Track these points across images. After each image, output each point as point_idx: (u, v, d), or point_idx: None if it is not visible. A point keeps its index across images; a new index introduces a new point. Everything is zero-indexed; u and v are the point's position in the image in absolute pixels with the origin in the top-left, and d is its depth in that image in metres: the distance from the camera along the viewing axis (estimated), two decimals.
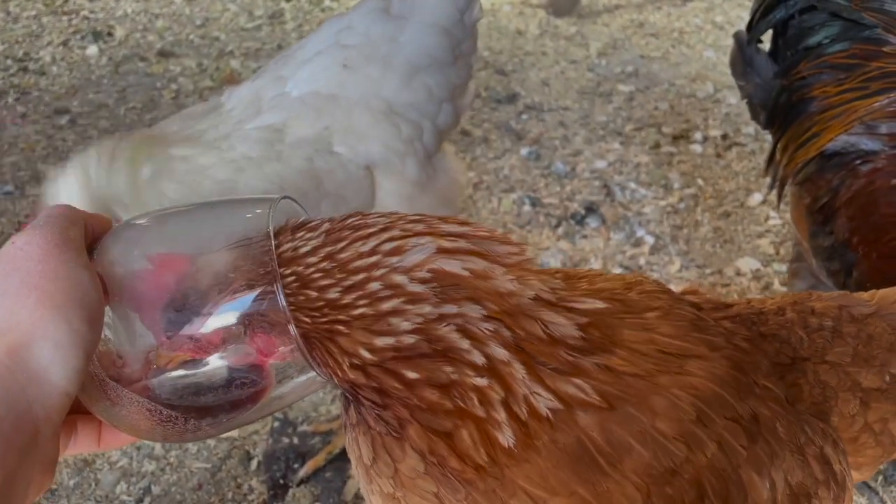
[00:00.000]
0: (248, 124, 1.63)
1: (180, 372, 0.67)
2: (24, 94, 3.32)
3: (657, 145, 2.93)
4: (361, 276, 0.68)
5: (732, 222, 2.54)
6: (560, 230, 2.53)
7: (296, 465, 1.83)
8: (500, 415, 0.71)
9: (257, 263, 0.67)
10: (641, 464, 0.75)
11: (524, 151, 2.91)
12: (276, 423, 1.93)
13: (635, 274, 1.00)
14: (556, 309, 0.75)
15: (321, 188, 1.63)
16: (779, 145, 1.83)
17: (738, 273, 2.34)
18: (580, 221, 2.56)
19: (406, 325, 0.68)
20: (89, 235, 0.68)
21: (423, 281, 0.68)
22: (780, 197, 1.88)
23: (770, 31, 1.85)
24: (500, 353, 0.70)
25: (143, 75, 3.47)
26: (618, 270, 2.37)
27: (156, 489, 1.81)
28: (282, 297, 0.66)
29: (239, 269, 0.68)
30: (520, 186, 2.73)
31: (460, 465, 0.73)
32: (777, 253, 2.40)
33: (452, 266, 0.69)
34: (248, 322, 0.67)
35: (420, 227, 0.71)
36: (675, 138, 2.97)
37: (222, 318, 0.67)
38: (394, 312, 0.68)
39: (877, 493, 1.76)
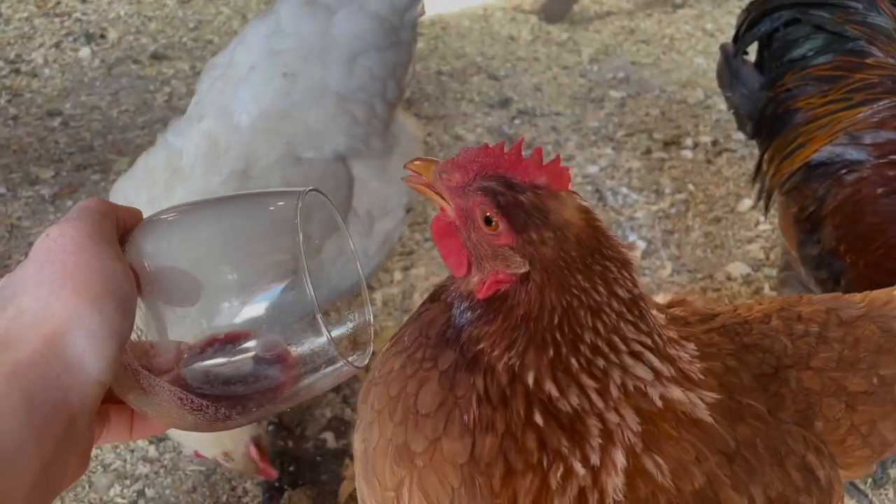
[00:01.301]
0: (213, 183, 1.59)
1: (211, 361, 0.68)
2: (17, 96, 3.31)
3: (648, 151, 2.96)
4: (605, 347, 0.77)
5: (723, 227, 2.57)
6: None
7: (290, 468, 1.84)
8: (570, 493, 0.76)
9: (287, 255, 0.68)
10: (637, 500, 0.80)
11: None
12: (271, 427, 1.93)
13: None
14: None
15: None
16: (765, 156, 1.85)
17: (729, 278, 2.37)
18: None
19: (574, 400, 0.76)
20: (121, 228, 0.69)
21: (623, 390, 0.77)
22: (767, 207, 1.90)
23: (756, 44, 1.88)
24: (620, 459, 0.77)
25: (136, 78, 3.47)
26: None
27: (150, 492, 1.81)
28: (310, 287, 0.67)
29: (270, 260, 0.70)
30: None
31: (499, 492, 0.76)
32: (767, 258, 2.43)
33: (652, 393, 0.80)
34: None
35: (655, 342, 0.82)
36: (667, 144, 3.00)
37: (252, 308, 0.68)
38: (582, 388, 0.76)
39: (866, 496, 1.78)
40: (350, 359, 0.71)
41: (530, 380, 0.75)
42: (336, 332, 0.71)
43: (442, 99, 3.30)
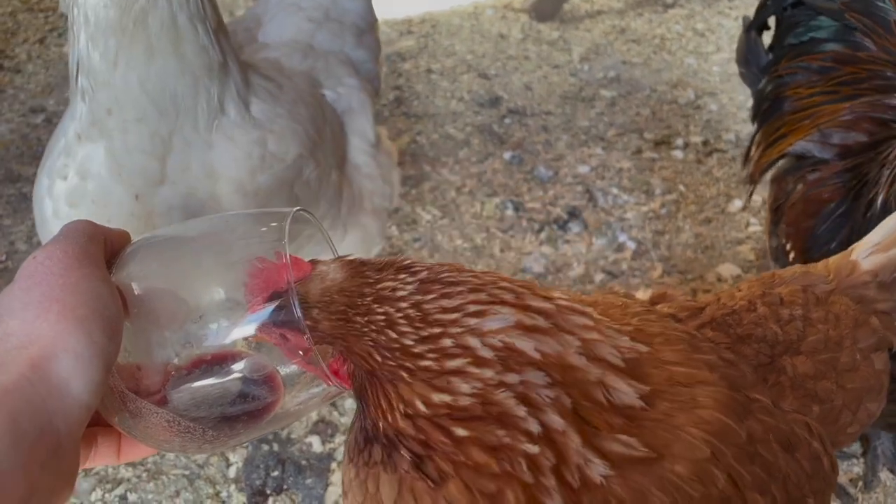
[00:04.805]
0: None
1: (199, 383, 0.68)
2: None
3: (639, 151, 2.94)
4: (437, 329, 0.70)
5: (713, 228, 2.56)
6: (542, 235, 2.53)
7: (275, 473, 1.81)
8: (550, 481, 0.72)
9: (277, 276, 0.68)
10: None
11: (507, 155, 2.91)
12: None
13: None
14: (623, 377, 0.77)
15: (325, 117, 1.69)
16: (754, 140, 1.83)
17: (720, 279, 2.35)
18: (563, 226, 2.56)
19: (465, 388, 0.70)
20: (108, 249, 0.69)
21: (493, 348, 0.71)
22: (751, 194, 1.88)
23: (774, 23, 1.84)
24: (557, 421, 0.72)
25: None
26: (600, 276, 2.38)
27: (132, 496, 1.77)
28: (297, 309, 0.66)
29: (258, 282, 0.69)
30: (502, 191, 2.73)
31: None
32: (757, 259, 2.42)
33: (525, 345, 0.72)
34: (275, 331, 0.68)
35: (508, 297, 0.73)
36: (657, 144, 2.99)
37: (240, 330, 0.68)
38: (457, 372, 0.70)
39: (856, 501, 1.77)
40: None
41: (422, 407, 0.71)
42: None
43: (431, 97, 3.27)
